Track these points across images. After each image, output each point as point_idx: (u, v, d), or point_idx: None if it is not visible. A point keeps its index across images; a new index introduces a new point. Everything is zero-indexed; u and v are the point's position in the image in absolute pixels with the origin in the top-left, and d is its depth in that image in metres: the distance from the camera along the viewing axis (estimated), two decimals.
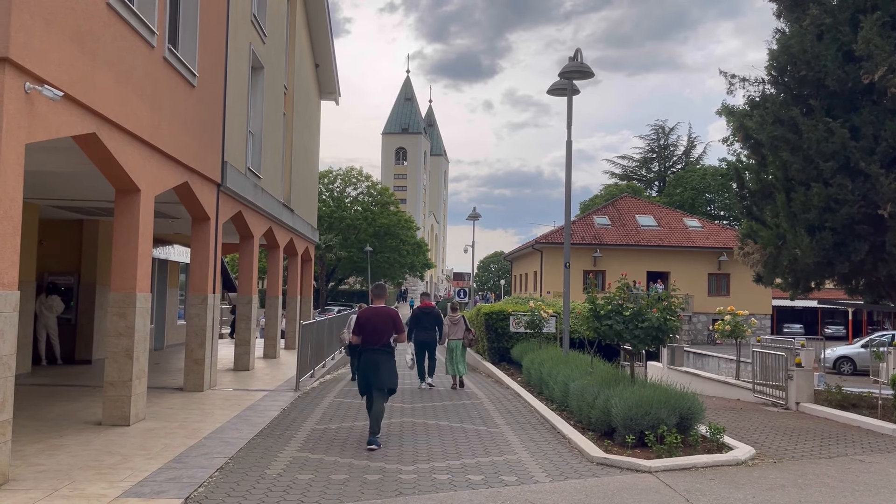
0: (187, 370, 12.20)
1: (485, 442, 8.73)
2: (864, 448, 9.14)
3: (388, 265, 63.29)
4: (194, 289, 12.41)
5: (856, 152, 11.65)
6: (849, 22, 12.01)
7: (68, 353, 16.13)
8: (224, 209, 13.19)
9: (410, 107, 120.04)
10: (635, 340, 9.32)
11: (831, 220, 12.04)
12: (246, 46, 14.65)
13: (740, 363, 16.77)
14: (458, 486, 6.67)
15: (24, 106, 6.23)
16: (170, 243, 20.56)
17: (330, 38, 23.54)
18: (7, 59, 5.95)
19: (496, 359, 18.43)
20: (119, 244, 9.08)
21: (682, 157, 75.75)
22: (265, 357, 18.40)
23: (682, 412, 8.34)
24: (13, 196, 6.15)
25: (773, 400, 13.51)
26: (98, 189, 11.42)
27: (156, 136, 9.32)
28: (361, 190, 63.84)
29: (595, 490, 6.65)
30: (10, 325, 6.18)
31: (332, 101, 26.24)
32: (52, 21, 6.64)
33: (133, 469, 6.79)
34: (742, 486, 6.90)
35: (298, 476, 6.88)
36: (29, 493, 5.91)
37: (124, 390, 8.94)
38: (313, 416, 10.36)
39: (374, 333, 8.64)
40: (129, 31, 8.41)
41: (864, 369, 25.51)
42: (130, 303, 9.02)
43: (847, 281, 13.60)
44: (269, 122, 16.90)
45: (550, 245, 39.32)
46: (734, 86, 14.33)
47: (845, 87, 12.09)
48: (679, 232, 41.58)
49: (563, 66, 13.03)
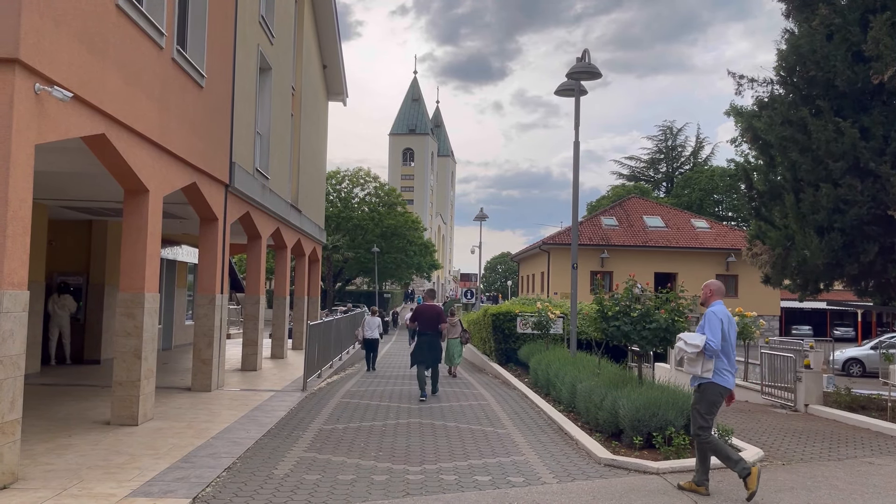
0: (195, 370, 12.24)
1: (492, 443, 8.72)
2: (873, 450, 9.08)
3: (395, 266, 63.36)
4: (202, 289, 12.45)
5: (865, 153, 11.59)
6: (858, 22, 11.95)
7: (77, 353, 16.21)
8: (232, 210, 13.23)
9: (418, 108, 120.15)
10: (643, 342, 9.29)
11: (840, 220, 11.98)
12: (254, 47, 14.69)
13: (748, 365, 16.70)
14: (465, 486, 6.67)
15: (34, 107, 6.27)
16: (178, 244, 20.63)
17: (337, 39, 23.58)
18: (17, 60, 5.99)
19: (503, 360, 18.40)
20: (128, 244, 9.11)
21: (690, 158, 75.51)
22: (272, 357, 18.45)
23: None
24: (23, 196, 6.18)
25: (782, 402, 13.45)
26: (107, 189, 11.47)
27: (164, 136, 9.35)
28: (369, 190, 63.93)
29: (602, 491, 6.63)
30: (20, 325, 6.21)
31: (339, 101, 26.29)
32: (61, 22, 6.67)
33: (141, 468, 6.81)
34: None
35: (306, 476, 6.89)
36: (38, 493, 5.93)
37: (132, 390, 8.97)
38: (321, 416, 10.37)
39: (427, 322, 12.73)
40: (138, 32, 8.44)
41: (874, 371, 25.36)
42: (139, 303, 9.05)
43: (856, 282, 13.52)
44: (276, 122, 16.94)
45: (558, 246, 39.26)
46: (743, 87, 14.29)
47: (855, 87, 12.03)
48: (687, 233, 41.45)
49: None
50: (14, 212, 6.05)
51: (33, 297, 12.98)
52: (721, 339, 6.46)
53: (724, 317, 6.58)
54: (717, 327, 6.48)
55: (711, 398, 6.56)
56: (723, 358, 6.52)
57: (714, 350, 6.45)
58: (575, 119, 13.32)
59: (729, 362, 6.57)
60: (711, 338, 6.47)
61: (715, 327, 6.49)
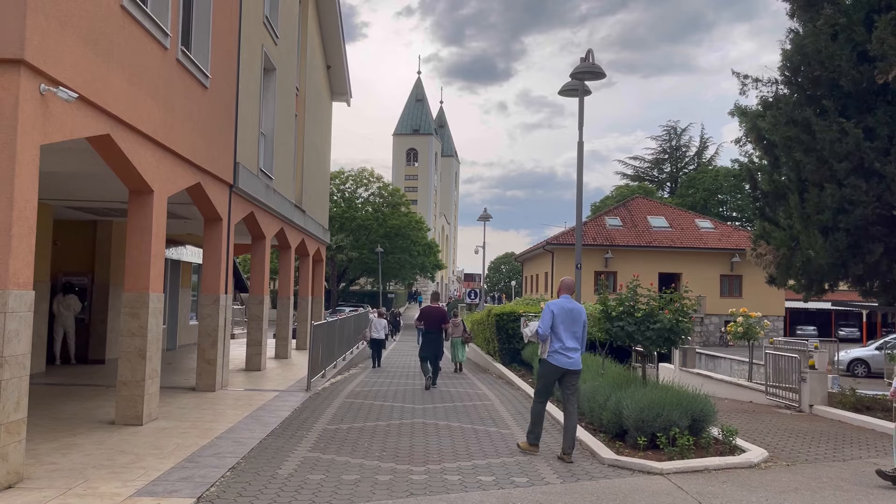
0: (199, 370, 12.26)
1: (496, 443, 8.72)
2: (878, 451, 9.06)
3: (398, 266, 63.35)
4: (206, 289, 12.47)
5: (870, 153, 11.55)
6: (863, 22, 11.91)
7: (82, 353, 16.25)
8: (236, 210, 13.25)
9: (421, 108, 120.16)
10: (647, 342, 9.28)
11: (845, 221, 11.95)
12: (258, 48, 14.71)
13: (753, 365, 16.67)
14: (469, 487, 6.67)
15: (39, 107, 6.28)
16: (182, 244, 20.67)
17: (341, 40, 23.60)
18: (22, 60, 6.01)
19: (507, 360, 18.38)
20: (132, 245, 9.14)
21: (695, 158, 75.41)
22: (276, 357, 18.47)
23: (695, 414, 8.29)
24: (28, 197, 6.20)
25: (787, 402, 13.42)
26: (111, 190, 11.50)
27: (169, 137, 9.37)
28: (372, 191, 63.94)
29: (606, 492, 6.62)
30: (25, 325, 6.23)
31: (343, 102, 26.30)
32: (66, 23, 6.69)
33: (146, 468, 6.83)
34: (755, 489, 6.86)
35: (310, 476, 6.90)
36: (43, 492, 5.95)
37: (137, 390, 9.00)
38: (324, 416, 10.38)
39: (432, 321, 15.03)
40: (142, 32, 8.46)
41: (879, 371, 25.29)
42: (143, 303, 9.07)
43: (861, 282, 13.48)
44: (280, 123, 16.96)
45: (561, 246, 39.22)
46: (747, 86, 14.26)
47: (859, 87, 11.99)
48: (691, 233, 41.38)
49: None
50: (19, 212, 6.07)
51: (38, 297, 13.01)
52: (548, 326, 7.91)
53: (555, 308, 7.97)
54: (547, 317, 7.94)
55: (543, 372, 8.19)
56: (555, 342, 7.94)
57: (542, 335, 7.97)
58: (579, 119, 13.31)
59: (563, 346, 7.94)
60: (540, 325, 8.00)
61: (545, 317, 7.97)
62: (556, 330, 7.90)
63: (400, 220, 61.94)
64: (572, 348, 7.95)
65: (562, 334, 7.91)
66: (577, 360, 8.00)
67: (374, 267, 60.66)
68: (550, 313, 7.91)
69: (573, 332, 7.97)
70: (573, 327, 7.97)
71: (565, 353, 7.92)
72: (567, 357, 7.92)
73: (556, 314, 7.91)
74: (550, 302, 8.15)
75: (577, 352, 8.02)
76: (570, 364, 7.94)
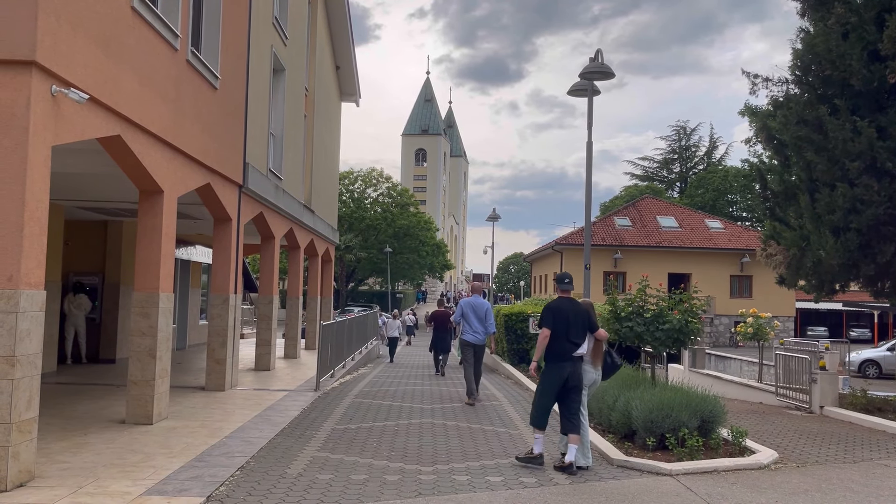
0: (209, 370, 12.31)
1: (504, 443, 8.72)
2: (889, 453, 9.00)
3: (407, 266, 63.41)
4: (216, 289, 12.52)
5: (883, 152, 11.47)
6: (874, 21, 11.83)
7: (92, 353, 16.35)
8: (245, 210, 13.30)
9: (430, 108, 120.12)
10: (656, 342, 9.26)
11: (857, 221, 11.87)
12: (268, 49, 14.76)
13: (763, 366, 16.59)
14: (477, 487, 6.67)
15: (51, 108, 6.33)
16: (192, 244, 20.76)
17: (350, 40, 23.64)
18: (34, 62, 6.05)
19: (515, 360, 18.37)
20: (142, 245, 9.18)
21: (704, 158, 75.11)
22: (286, 357, 18.52)
23: (704, 415, 8.27)
24: (40, 197, 6.25)
25: (797, 403, 13.35)
26: (122, 190, 11.57)
27: (179, 137, 9.41)
28: (381, 191, 63.98)
29: (615, 493, 6.61)
30: (36, 325, 6.28)
31: (352, 102, 26.35)
32: (77, 25, 6.73)
33: (156, 467, 6.87)
34: (764, 491, 6.83)
35: (318, 476, 6.92)
36: (54, 490, 5.99)
37: (147, 389, 9.04)
38: (333, 416, 10.40)
39: (440, 322, 17.83)
40: (152, 33, 8.51)
41: (890, 372, 25.14)
42: (153, 302, 9.12)
43: (872, 283, 13.39)
44: (290, 123, 17.01)
45: (570, 246, 39.15)
46: (757, 86, 14.19)
47: (871, 86, 11.91)
48: (701, 233, 41.21)
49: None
50: (31, 212, 6.11)
51: (49, 297, 13.10)
52: (459, 316, 12.34)
53: (464, 304, 12.29)
54: (458, 310, 12.38)
55: (461, 345, 12.73)
56: (466, 326, 12.26)
57: (454, 322, 14.06)
58: (588, 119, 13.29)
59: (472, 329, 12.20)
60: (455, 315, 13.09)
61: (457, 310, 12.49)
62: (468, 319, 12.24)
63: (409, 221, 61.97)
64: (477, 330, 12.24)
65: (471, 321, 12.17)
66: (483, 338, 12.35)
67: (383, 267, 60.76)
68: (460, 307, 12.41)
69: (479, 318, 12.19)
70: (479, 316, 12.19)
71: (472, 334, 12.28)
72: (474, 336, 12.29)
73: (464, 308, 12.27)
74: (461, 299, 12.87)
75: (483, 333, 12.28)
76: (473, 340, 12.30)
